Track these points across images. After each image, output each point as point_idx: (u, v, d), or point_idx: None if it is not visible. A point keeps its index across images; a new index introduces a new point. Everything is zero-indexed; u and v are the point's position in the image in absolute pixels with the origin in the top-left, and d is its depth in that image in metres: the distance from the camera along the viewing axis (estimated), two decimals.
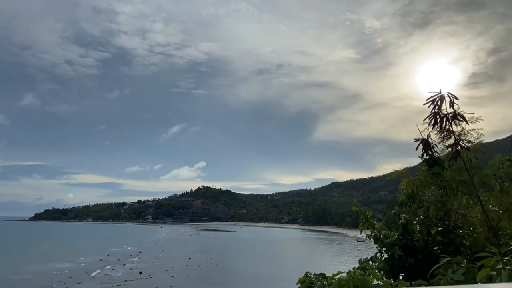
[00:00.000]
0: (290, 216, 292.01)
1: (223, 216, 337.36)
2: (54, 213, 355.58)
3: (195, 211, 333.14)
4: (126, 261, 70.32)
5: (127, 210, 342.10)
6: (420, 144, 4.91)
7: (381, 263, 5.75)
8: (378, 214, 8.31)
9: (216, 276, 54.29)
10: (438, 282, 2.70)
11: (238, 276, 54.85)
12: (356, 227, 8.39)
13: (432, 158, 4.88)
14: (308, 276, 3.31)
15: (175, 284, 48.16)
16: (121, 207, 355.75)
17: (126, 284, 48.60)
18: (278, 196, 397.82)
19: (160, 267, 62.34)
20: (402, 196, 5.90)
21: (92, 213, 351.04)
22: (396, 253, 5.59)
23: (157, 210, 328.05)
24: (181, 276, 54.37)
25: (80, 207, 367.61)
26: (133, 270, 59.63)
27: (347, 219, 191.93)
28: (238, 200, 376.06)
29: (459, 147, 4.57)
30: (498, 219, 4.61)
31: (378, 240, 6.00)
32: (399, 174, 5.48)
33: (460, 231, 5.56)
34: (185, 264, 67.20)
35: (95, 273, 55.98)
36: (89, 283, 49.00)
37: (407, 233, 5.90)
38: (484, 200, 4.61)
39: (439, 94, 4.62)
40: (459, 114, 4.55)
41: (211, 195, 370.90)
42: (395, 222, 6.26)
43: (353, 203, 6.56)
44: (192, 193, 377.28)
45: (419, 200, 5.80)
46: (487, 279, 2.33)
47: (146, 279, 51.67)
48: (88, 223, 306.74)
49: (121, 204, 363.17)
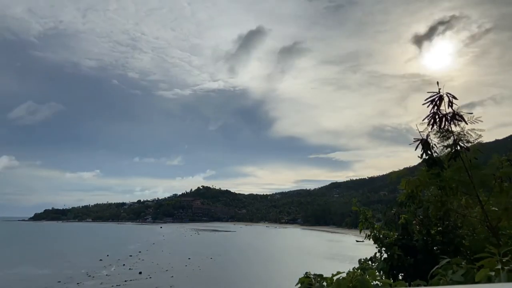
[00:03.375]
0: (290, 216, 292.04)
1: (223, 216, 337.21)
2: (54, 213, 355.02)
3: (195, 211, 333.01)
4: (125, 261, 70.28)
5: (126, 210, 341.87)
6: (420, 144, 4.91)
7: (380, 263, 5.76)
8: (377, 214, 8.31)
9: (216, 276, 54.28)
10: (438, 282, 2.70)
11: (238, 276, 54.86)
12: (356, 227, 8.39)
13: (431, 158, 4.88)
14: (308, 276, 3.31)
15: (175, 284, 48.15)
16: (120, 207, 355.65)
17: (126, 284, 48.60)
18: (278, 196, 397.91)
19: (160, 267, 62.33)
20: (401, 196, 5.91)
21: (92, 213, 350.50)
22: (396, 253, 5.60)
23: (156, 210, 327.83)
24: (180, 276, 54.34)
25: (79, 207, 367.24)
26: (133, 270, 59.62)
27: (346, 219, 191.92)
28: (238, 200, 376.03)
29: (458, 147, 4.57)
30: (497, 219, 4.61)
31: (378, 240, 6.01)
32: (399, 174, 5.48)
33: (460, 231, 5.58)
34: (184, 264, 67.18)
35: (95, 273, 55.96)
36: (89, 283, 48.99)
37: (407, 233, 5.91)
38: (483, 200, 4.61)
39: (438, 94, 4.62)
40: (458, 114, 4.54)
41: (211, 195, 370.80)
42: (395, 222, 6.27)
43: (353, 203, 6.57)
44: (192, 193, 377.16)
45: (418, 200, 5.80)
46: (486, 279, 2.32)
47: (146, 279, 51.66)
48: (88, 223, 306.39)
49: (121, 204, 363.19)
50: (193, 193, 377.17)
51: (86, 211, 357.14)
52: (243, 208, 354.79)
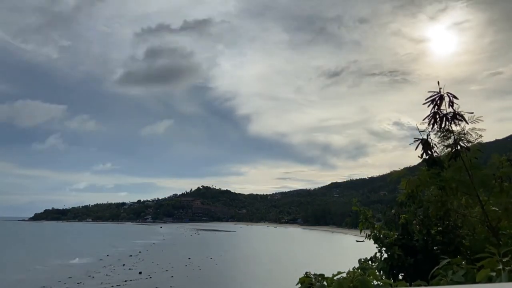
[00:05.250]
0: (290, 216, 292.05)
1: (223, 216, 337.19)
2: (54, 213, 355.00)
3: (194, 211, 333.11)
4: (125, 261, 70.26)
5: (126, 210, 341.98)
6: (420, 144, 4.90)
7: (380, 263, 5.76)
8: (378, 214, 8.31)
9: (216, 276, 54.29)
10: (438, 282, 2.70)
11: (238, 276, 54.85)
12: (356, 227, 8.40)
13: (431, 158, 4.87)
14: (308, 276, 3.30)
15: (175, 284, 48.13)
16: (120, 207, 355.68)
17: (125, 284, 48.59)
18: (278, 196, 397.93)
19: (160, 267, 62.32)
20: (401, 196, 5.91)
21: (92, 213, 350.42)
22: (396, 253, 5.60)
23: (156, 210, 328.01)
24: (180, 276, 54.33)
25: (79, 207, 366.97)
26: (133, 270, 59.62)
27: (346, 219, 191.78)
28: (238, 200, 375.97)
29: (458, 147, 4.56)
30: (497, 219, 4.60)
31: (378, 240, 6.01)
32: (399, 174, 5.48)
33: (460, 231, 5.57)
34: (184, 264, 67.17)
35: (95, 273, 55.96)
36: (88, 283, 48.99)
37: (407, 233, 5.91)
38: (483, 200, 4.60)
39: (439, 94, 4.61)
40: (459, 114, 4.54)
41: (211, 195, 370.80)
42: (395, 222, 6.27)
43: (353, 203, 6.57)
44: (192, 193, 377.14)
45: (418, 200, 5.81)
46: (486, 279, 2.32)
47: (146, 279, 51.65)
48: (88, 223, 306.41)
49: (121, 204, 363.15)
50: (193, 193, 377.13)
51: (86, 211, 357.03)
52: (243, 208, 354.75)
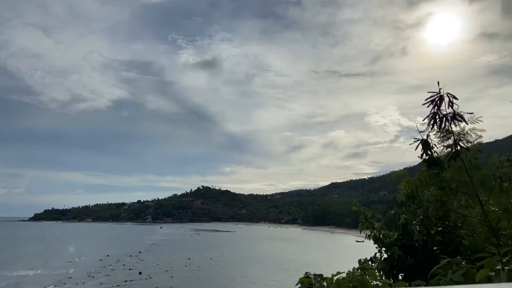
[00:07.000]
0: (290, 216, 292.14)
1: (223, 216, 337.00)
2: (54, 213, 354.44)
3: (194, 211, 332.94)
4: (125, 261, 70.23)
5: (126, 210, 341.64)
6: (420, 144, 4.90)
7: (380, 263, 5.77)
8: (378, 214, 8.31)
9: (216, 277, 54.26)
10: (438, 282, 2.70)
11: (238, 276, 54.82)
12: (356, 227, 8.42)
13: (431, 158, 4.87)
14: (308, 276, 3.30)
15: (175, 285, 48.11)
16: (120, 207, 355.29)
17: (125, 284, 48.56)
18: (278, 196, 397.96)
19: (160, 268, 62.29)
20: (401, 196, 5.91)
21: (92, 213, 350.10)
22: (396, 253, 5.60)
23: (156, 210, 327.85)
24: (180, 276, 54.29)
25: (79, 208, 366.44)
26: (133, 270, 59.58)
27: (346, 219, 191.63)
28: (238, 200, 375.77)
29: (458, 147, 4.56)
30: (497, 219, 4.61)
31: (378, 240, 6.02)
32: (399, 174, 5.48)
33: (460, 231, 5.58)
34: (184, 264, 67.13)
35: (95, 273, 55.93)
36: (88, 283, 48.96)
37: (407, 233, 5.91)
38: (483, 200, 4.60)
39: (439, 94, 4.61)
40: (459, 114, 4.53)
41: (211, 195, 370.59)
42: (395, 222, 6.27)
43: (353, 203, 6.58)
44: (192, 193, 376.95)
45: (418, 200, 5.81)
46: (486, 279, 2.32)
47: (146, 280, 51.61)
48: (88, 223, 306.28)
49: (121, 204, 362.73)
50: (193, 193, 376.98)
51: (86, 211, 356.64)
52: (243, 208, 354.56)
